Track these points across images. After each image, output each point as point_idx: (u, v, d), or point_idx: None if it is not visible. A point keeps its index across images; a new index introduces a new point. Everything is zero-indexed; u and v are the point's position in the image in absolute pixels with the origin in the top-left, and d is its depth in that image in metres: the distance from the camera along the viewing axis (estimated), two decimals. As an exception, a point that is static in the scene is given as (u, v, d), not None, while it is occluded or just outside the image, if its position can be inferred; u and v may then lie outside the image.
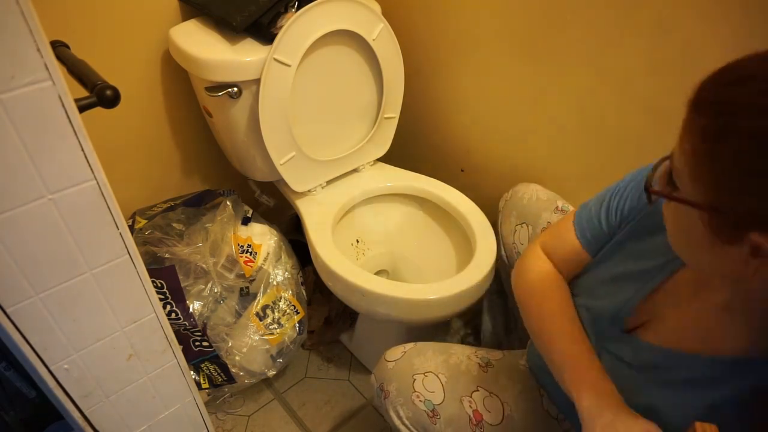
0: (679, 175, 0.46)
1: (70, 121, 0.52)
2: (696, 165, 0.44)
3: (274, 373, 1.22)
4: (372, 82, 1.23)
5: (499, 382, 0.81)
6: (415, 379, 0.81)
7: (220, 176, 1.45)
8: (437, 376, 0.81)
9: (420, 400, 0.79)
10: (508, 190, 1.11)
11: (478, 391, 0.80)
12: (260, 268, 1.21)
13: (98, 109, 0.60)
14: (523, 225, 1.02)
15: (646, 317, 0.61)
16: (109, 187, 0.58)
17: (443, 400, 0.78)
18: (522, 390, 0.81)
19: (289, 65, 1.05)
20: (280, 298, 1.21)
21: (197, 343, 1.12)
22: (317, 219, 1.21)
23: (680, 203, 0.46)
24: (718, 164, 0.42)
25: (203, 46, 1.06)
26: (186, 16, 1.16)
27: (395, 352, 0.87)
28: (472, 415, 0.77)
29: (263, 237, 1.24)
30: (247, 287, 1.21)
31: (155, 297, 0.71)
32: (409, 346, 0.87)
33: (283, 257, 1.25)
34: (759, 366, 0.50)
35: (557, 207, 1.01)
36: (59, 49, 0.74)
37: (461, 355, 0.85)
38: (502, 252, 1.09)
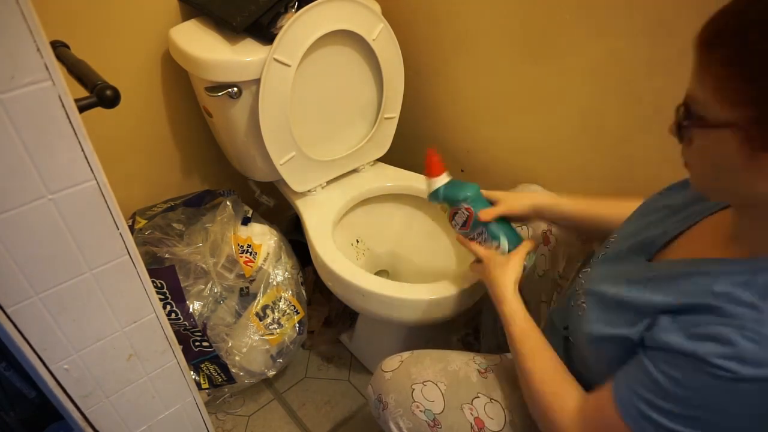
0: (705, 107, 0.49)
1: (70, 121, 0.52)
2: (729, 91, 0.46)
3: (274, 373, 1.22)
4: (372, 82, 1.23)
5: (500, 388, 0.81)
6: (413, 389, 0.80)
7: (220, 176, 1.45)
8: (436, 385, 0.80)
9: (420, 410, 0.78)
10: (509, 191, 1.10)
11: (478, 397, 0.79)
12: (260, 268, 1.21)
13: (98, 109, 0.60)
14: (522, 227, 1.02)
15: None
16: (109, 187, 0.58)
17: (443, 408, 0.78)
18: (522, 394, 0.81)
19: (289, 65, 1.05)
20: (280, 298, 1.21)
21: (197, 343, 1.12)
22: (317, 219, 1.21)
23: (716, 128, 0.48)
24: (750, 78, 0.45)
25: (203, 46, 1.06)
26: (186, 16, 1.16)
27: (392, 362, 0.86)
28: (473, 423, 0.76)
29: (263, 237, 1.24)
30: (247, 287, 1.21)
31: (155, 297, 0.71)
32: (406, 355, 0.87)
33: (283, 257, 1.25)
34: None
35: None
36: (59, 49, 0.74)
37: (459, 361, 0.85)
38: None
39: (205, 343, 1.13)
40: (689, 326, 0.52)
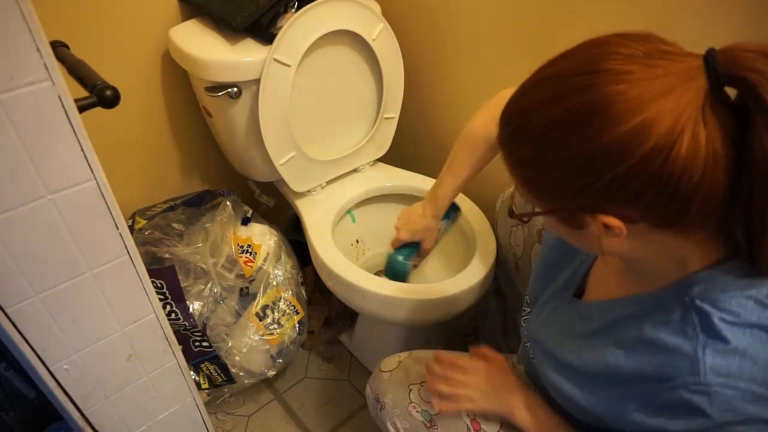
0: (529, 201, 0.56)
1: (69, 121, 0.52)
2: (533, 198, 0.54)
3: (273, 373, 1.22)
4: (372, 82, 1.23)
5: None
6: (411, 390, 0.80)
7: (220, 176, 1.45)
8: None
9: (417, 411, 0.78)
10: (504, 191, 1.11)
11: None
12: (260, 268, 1.21)
13: (98, 109, 0.60)
14: (518, 226, 1.02)
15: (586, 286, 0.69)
16: (108, 187, 0.58)
17: (440, 409, 0.78)
18: None
19: (288, 65, 1.05)
20: (280, 298, 1.21)
21: (197, 344, 1.12)
22: (317, 219, 1.21)
23: (536, 216, 0.56)
24: (540, 193, 0.53)
25: (203, 46, 1.06)
26: (186, 16, 1.16)
27: (390, 363, 0.86)
28: (469, 425, 0.76)
29: (263, 237, 1.24)
30: (247, 287, 1.21)
31: (155, 297, 0.71)
32: (404, 355, 0.87)
33: (282, 257, 1.25)
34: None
35: None
36: (59, 49, 0.74)
37: None
38: (499, 252, 1.09)
39: (205, 343, 1.13)
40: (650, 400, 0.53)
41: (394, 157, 1.37)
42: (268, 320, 1.19)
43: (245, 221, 1.26)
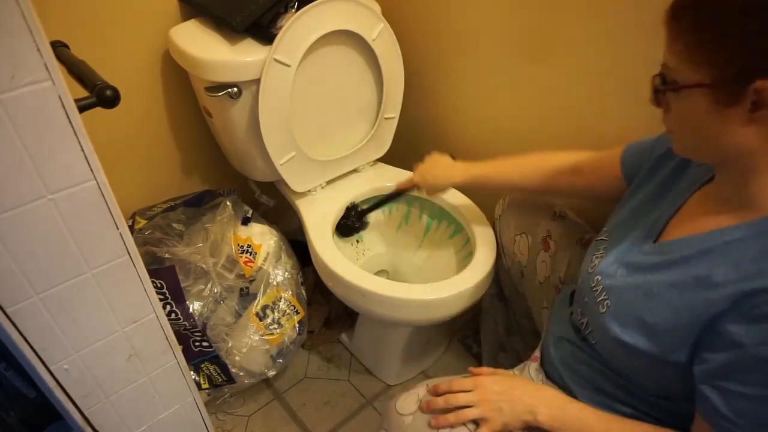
0: (677, 72, 0.54)
1: (70, 121, 0.52)
2: (696, 54, 0.52)
3: (274, 373, 1.22)
4: (372, 82, 1.23)
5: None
6: None
7: (220, 176, 1.45)
8: None
9: None
10: (505, 197, 1.10)
11: None
12: (260, 268, 1.21)
13: (98, 109, 0.60)
14: (522, 235, 1.01)
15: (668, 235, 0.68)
16: (109, 187, 0.58)
17: None
18: None
19: (289, 65, 1.05)
20: (280, 298, 1.21)
21: (197, 344, 1.12)
22: (317, 219, 1.21)
23: (690, 89, 0.53)
24: (712, 41, 0.51)
25: (203, 46, 1.06)
26: (186, 16, 1.17)
27: (408, 403, 0.76)
28: None
29: (263, 237, 1.24)
30: (247, 287, 1.21)
31: (155, 297, 0.71)
32: (421, 392, 0.77)
33: (282, 257, 1.25)
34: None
35: (555, 213, 1.00)
36: (59, 49, 0.74)
37: None
38: (504, 260, 1.09)
39: (205, 343, 1.13)
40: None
41: (394, 157, 1.37)
42: (268, 320, 1.19)
43: (245, 221, 1.26)
